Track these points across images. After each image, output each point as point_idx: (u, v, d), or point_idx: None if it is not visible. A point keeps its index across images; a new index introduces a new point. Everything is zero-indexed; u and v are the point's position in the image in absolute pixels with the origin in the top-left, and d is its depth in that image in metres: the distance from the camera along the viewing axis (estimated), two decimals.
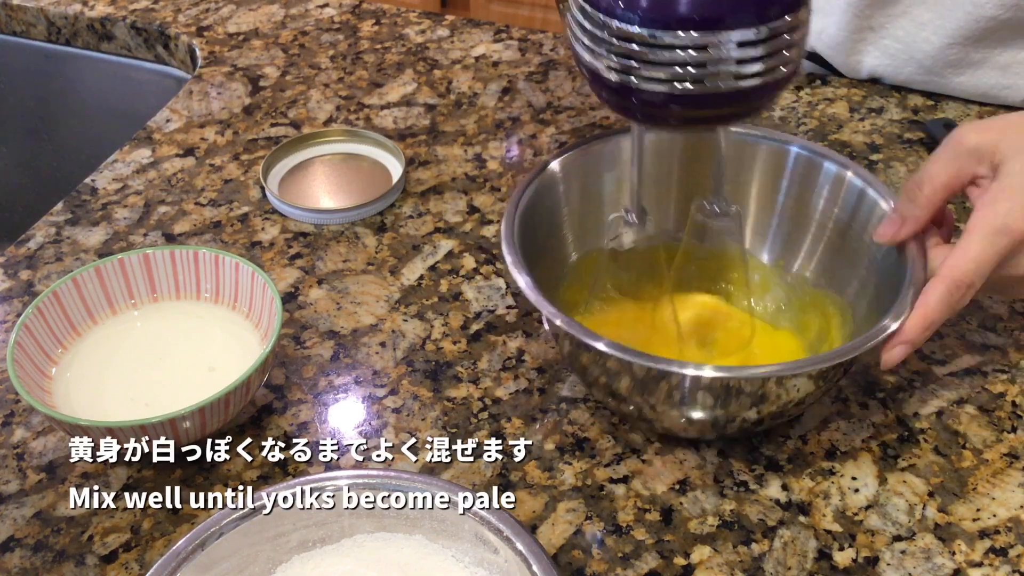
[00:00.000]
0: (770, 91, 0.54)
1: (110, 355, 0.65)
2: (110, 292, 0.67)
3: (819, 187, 0.68)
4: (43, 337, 0.64)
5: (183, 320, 0.68)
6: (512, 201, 0.64)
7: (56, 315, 0.65)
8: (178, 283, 0.68)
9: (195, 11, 1.08)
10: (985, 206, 0.56)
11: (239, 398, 0.60)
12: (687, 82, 0.52)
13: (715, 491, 0.60)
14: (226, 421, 0.61)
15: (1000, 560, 0.57)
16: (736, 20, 0.51)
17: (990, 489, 0.61)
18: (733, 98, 0.54)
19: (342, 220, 0.80)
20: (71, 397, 0.62)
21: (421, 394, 0.66)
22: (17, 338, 0.61)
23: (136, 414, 0.60)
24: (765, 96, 0.55)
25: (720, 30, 0.51)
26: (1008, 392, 0.66)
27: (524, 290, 0.58)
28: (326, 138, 0.88)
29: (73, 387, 0.63)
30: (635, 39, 0.52)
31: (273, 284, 0.64)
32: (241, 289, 0.67)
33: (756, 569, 0.56)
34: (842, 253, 0.67)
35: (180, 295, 0.69)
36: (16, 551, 0.57)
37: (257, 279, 0.65)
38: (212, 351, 0.66)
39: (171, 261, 0.68)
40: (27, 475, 0.62)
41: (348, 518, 0.52)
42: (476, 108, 0.93)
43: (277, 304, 0.63)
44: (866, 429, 0.64)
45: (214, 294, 0.68)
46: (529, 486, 0.61)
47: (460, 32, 1.04)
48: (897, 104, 0.93)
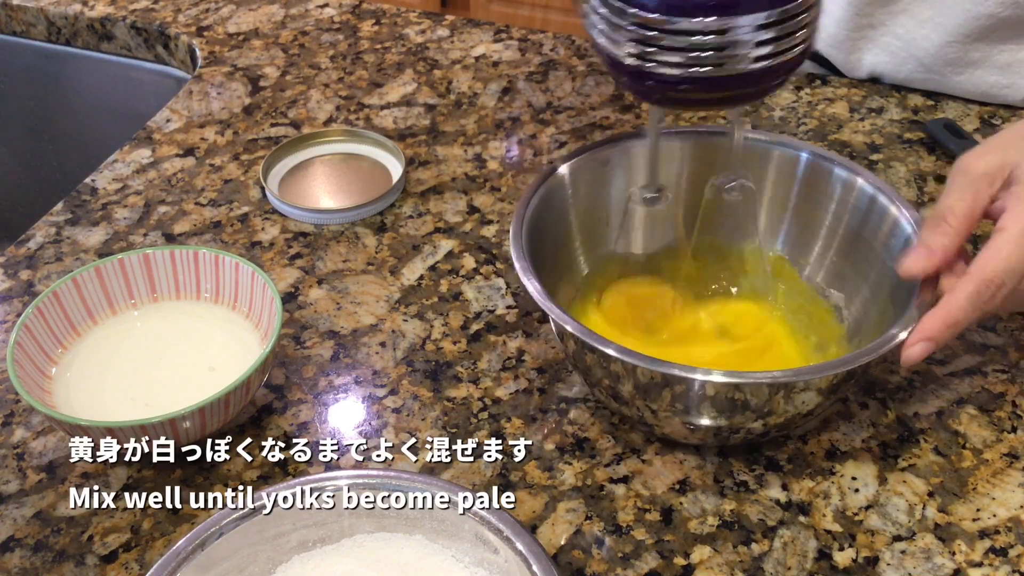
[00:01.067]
0: (784, 72, 0.55)
1: (110, 355, 0.66)
2: (110, 292, 0.67)
3: (830, 193, 0.68)
4: (43, 337, 0.64)
5: (183, 320, 0.68)
6: (521, 203, 0.64)
7: (56, 315, 0.65)
8: (178, 283, 0.68)
9: (195, 11, 1.08)
10: (1017, 206, 0.55)
11: (239, 398, 0.60)
12: (703, 66, 0.53)
13: (715, 491, 0.60)
14: (226, 421, 0.61)
15: (1000, 560, 0.57)
16: (750, 4, 0.52)
17: (990, 489, 0.61)
18: (748, 79, 0.54)
19: (342, 220, 0.80)
20: (71, 397, 0.62)
21: (421, 394, 0.66)
22: (17, 338, 0.61)
23: (136, 414, 0.60)
24: (779, 76, 0.56)
25: (735, 15, 0.52)
26: (1008, 392, 0.66)
27: (533, 295, 0.59)
28: (326, 138, 0.88)
29: (73, 387, 0.63)
30: (653, 24, 0.53)
31: (273, 284, 0.64)
32: (241, 289, 0.67)
33: (756, 569, 0.56)
34: (852, 260, 0.67)
35: (180, 295, 0.69)
36: (16, 551, 0.57)
37: (257, 279, 0.65)
38: (212, 351, 0.66)
39: (171, 261, 0.68)
40: (27, 475, 0.62)
41: (348, 518, 0.52)
42: (476, 108, 0.93)
43: (277, 304, 0.63)
44: (866, 429, 0.64)
45: (214, 294, 0.68)
46: (529, 486, 0.61)
47: (460, 32, 1.04)
48: (897, 104, 0.93)
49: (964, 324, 0.54)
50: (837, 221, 0.68)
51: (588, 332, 0.56)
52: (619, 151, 0.69)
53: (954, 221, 0.57)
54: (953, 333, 0.55)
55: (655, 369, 0.55)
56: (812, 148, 0.69)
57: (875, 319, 0.64)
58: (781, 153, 0.69)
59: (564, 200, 0.68)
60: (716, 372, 0.55)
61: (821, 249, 0.69)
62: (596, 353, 0.57)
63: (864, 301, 0.66)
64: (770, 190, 0.70)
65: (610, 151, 0.69)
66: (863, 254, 0.66)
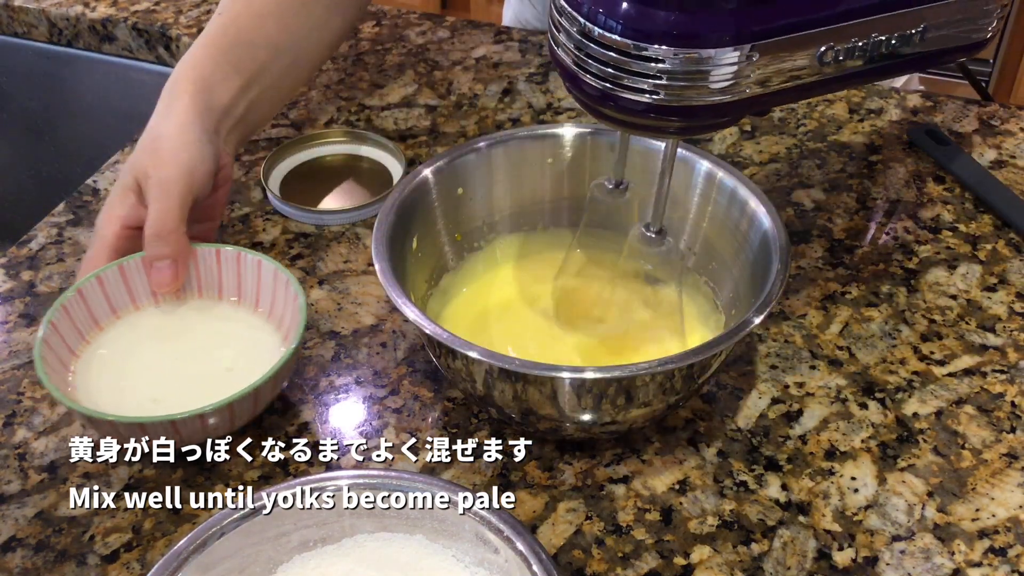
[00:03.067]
0: (739, 108, 0.55)
1: (131, 351, 0.65)
2: (132, 289, 0.67)
3: (694, 185, 0.69)
4: (67, 334, 0.64)
5: (204, 318, 0.68)
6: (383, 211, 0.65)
7: (80, 312, 0.65)
8: (200, 281, 0.68)
9: (196, 12, 1.08)
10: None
11: (266, 394, 0.60)
12: (664, 93, 0.53)
13: (715, 491, 0.61)
14: (254, 417, 0.61)
15: (999, 560, 0.57)
16: (715, 38, 0.52)
17: (989, 489, 0.61)
18: (715, 111, 0.55)
19: (343, 221, 0.80)
20: (92, 393, 0.62)
21: (421, 394, 0.66)
22: (44, 335, 0.61)
23: (150, 411, 0.60)
24: (738, 113, 0.56)
25: (700, 47, 0.52)
26: (1007, 392, 0.66)
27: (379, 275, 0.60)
28: (327, 139, 0.88)
29: (94, 383, 0.63)
30: (618, 48, 0.53)
31: (297, 282, 0.64)
32: (263, 287, 0.67)
33: (756, 569, 0.57)
34: (718, 251, 0.68)
35: (202, 294, 0.69)
36: (18, 551, 0.58)
37: (280, 276, 0.65)
38: (231, 349, 0.66)
39: (193, 259, 0.68)
40: (28, 475, 0.62)
41: (349, 518, 0.53)
42: (476, 109, 0.93)
43: (301, 301, 0.63)
44: (865, 429, 0.64)
45: (236, 293, 0.68)
46: (529, 486, 0.61)
47: (460, 33, 1.05)
48: (896, 105, 0.93)
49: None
50: (701, 213, 0.69)
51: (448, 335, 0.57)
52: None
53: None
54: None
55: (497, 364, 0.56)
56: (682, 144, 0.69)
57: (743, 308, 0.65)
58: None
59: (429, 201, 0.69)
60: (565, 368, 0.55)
61: (688, 239, 0.71)
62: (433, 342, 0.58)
63: (731, 291, 0.68)
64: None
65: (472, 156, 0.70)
66: (727, 245, 0.67)
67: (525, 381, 0.56)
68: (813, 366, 0.68)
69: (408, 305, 0.58)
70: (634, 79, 0.53)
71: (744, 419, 0.65)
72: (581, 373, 0.55)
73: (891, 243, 0.78)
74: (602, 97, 0.55)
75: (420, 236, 0.67)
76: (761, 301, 0.58)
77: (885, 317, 0.72)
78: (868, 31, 0.57)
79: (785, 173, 0.85)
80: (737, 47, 0.52)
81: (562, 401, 0.57)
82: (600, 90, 0.55)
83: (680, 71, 0.52)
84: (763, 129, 0.90)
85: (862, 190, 0.84)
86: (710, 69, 0.52)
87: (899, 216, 0.81)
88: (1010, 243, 0.78)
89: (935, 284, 0.75)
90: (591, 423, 0.59)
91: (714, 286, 0.69)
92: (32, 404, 0.66)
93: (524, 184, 0.72)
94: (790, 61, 0.55)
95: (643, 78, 0.53)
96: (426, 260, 0.68)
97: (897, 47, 0.59)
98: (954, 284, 0.75)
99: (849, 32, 0.56)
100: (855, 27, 0.56)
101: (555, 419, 0.59)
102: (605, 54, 0.53)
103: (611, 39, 0.53)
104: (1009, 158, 0.87)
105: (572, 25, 0.54)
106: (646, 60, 0.52)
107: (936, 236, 0.79)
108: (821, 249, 0.78)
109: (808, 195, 0.83)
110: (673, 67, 0.52)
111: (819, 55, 0.56)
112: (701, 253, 0.69)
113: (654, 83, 0.53)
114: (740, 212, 0.65)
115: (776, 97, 0.57)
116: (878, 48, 0.58)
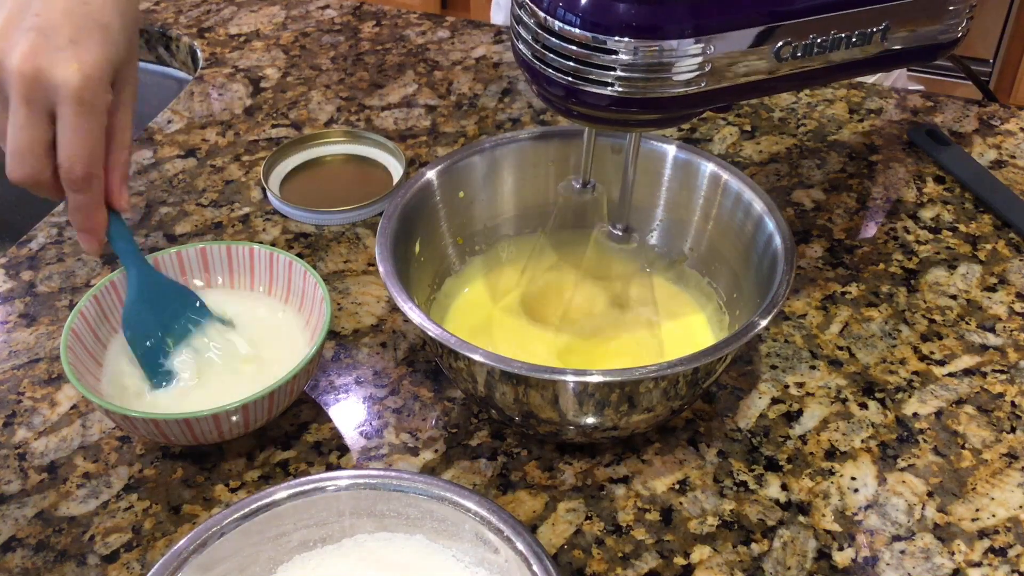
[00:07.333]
0: (707, 99, 0.56)
1: None
2: None
3: (698, 186, 0.69)
4: (96, 324, 0.64)
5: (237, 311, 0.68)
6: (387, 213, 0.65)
7: (110, 302, 0.65)
8: (232, 278, 0.69)
9: (196, 12, 1.08)
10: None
11: (286, 394, 0.60)
12: (625, 85, 0.53)
13: (715, 491, 0.61)
14: (271, 417, 0.61)
15: (999, 560, 0.57)
16: (674, 30, 0.52)
17: (989, 489, 0.61)
18: (677, 103, 0.55)
19: (343, 221, 0.80)
20: (118, 384, 0.63)
21: (421, 394, 0.67)
22: (72, 325, 0.62)
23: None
24: (699, 106, 0.56)
25: (660, 39, 0.52)
26: (1007, 392, 0.67)
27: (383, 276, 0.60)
28: (327, 139, 0.88)
29: (117, 377, 0.63)
30: (578, 42, 0.53)
31: (324, 283, 0.64)
32: (293, 288, 0.67)
33: (756, 569, 0.57)
34: (721, 253, 0.68)
35: (234, 287, 0.69)
36: (18, 551, 0.58)
37: (309, 278, 0.65)
38: (258, 345, 0.66)
39: (226, 255, 0.68)
40: (28, 475, 0.62)
41: (349, 518, 0.53)
42: (476, 109, 0.93)
43: (326, 304, 0.63)
44: (865, 429, 0.64)
45: (267, 288, 0.68)
46: (529, 486, 0.61)
47: (460, 33, 1.05)
48: (896, 105, 0.93)
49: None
50: (706, 216, 0.69)
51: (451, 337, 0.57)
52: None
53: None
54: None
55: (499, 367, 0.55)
56: (679, 144, 0.69)
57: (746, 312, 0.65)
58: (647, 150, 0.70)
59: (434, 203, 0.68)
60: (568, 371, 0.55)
61: (692, 242, 0.71)
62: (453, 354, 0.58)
63: (734, 293, 0.68)
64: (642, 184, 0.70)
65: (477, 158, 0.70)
66: (731, 247, 0.67)
67: (527, 384, 0.56)
68: (813, 366, 0.68)
69: (413, 308, 0.58)
70: (595, 72, 0.53)
71: (744, 419, 0.65)
72: (584, 376, 0.55)
73: (891, 243, 0.79)
74: (565, 92, 0.55)
75: (423, 240, 0.67)
76: (767, 304, 0.58)
77: (885, 317, 0.72)
78: (827, 27, 0.57)
79: (785, 173, 0.85)
80: (697, 39, 0.53)
81: (564, 405, 0.57)
82: (562, 85, 0.55)
83: (640, 63, 0.53)
84: (763, 129, 0.90)
85: (862, 190, 0.84)
86: (671, 61, 0.53)
87: (899, 216, 0.81)
88: (1010, 243, 0.78)
89: (935, 284, 0.75)
90: (593, 427, 0.59)
91: (717, 287, 0.69)
92: (32, 404, 0.66)
93: (526, 186, 0.72)
94: (746, 57, 0.55)
95: (604, 71, 0.53)
96: (429, 264, 0.68)
97: (858, 45, 0.59)
98: (954, 284, 0.75)
99: (806, 28, 0.56)
100: (812, 23, 0.56)
101: (556, 423, 0.58)
102: (566, 48, 0.53)
103: (571, 32, 0.53)
104: (1009, 158, 0.87)
105: (532, 19, 0.55)
106: (606, 52, 0.53)
107: (936, 236, 0.79)
108: (821, 249, 0.78)
109: (808, 195, 0.83)
110: (633, 60, 0.53)
111: (775, 51, 0.56)
112: (705, 254, 0.69)
113: (614, 76, 0.53)
114: (745, 214, 0.65)
115: (737, 93, 0.57)
116: (838, 46, 0.58)
